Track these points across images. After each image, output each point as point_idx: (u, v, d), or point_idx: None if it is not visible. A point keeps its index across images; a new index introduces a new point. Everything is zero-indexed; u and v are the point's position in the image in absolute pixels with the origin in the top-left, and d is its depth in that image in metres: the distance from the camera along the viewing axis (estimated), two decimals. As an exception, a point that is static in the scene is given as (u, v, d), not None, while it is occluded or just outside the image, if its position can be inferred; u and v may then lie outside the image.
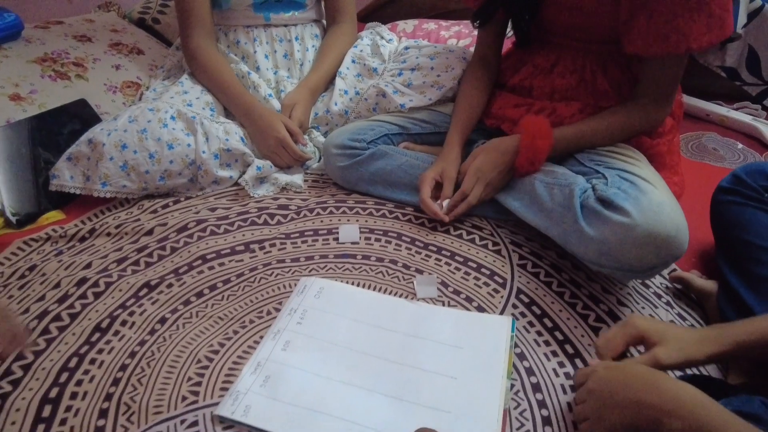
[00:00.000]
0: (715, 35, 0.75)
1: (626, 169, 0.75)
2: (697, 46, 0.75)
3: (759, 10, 1.28)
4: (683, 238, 0.66)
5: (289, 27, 1.17)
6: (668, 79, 0.81)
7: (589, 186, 0.73)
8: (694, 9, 0.73)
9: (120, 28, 1.30)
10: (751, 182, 0.77)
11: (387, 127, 1.01)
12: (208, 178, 0.98)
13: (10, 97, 1.00)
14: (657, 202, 0.66)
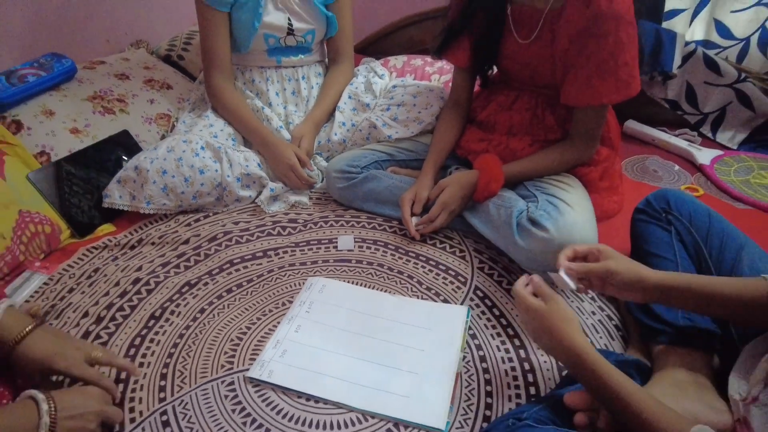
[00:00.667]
0: (622, 94, 0.98)
1: (555, 194, 0.97)
2: (608, 101, 0.98)
3: (692, 53, 1.50)
4: (591, 249, 0.88)
5: (297, 68, 1.39)
6: (592, 124, 1.04)
7: (525, 208, 0.96)
8: (606, 74, 0.96)
9: (151, 65, 1.52)
10: (656, 205, 0.98)
11: (377, 154, 1.23)
12: (231, 197, 1.20)
13: (70, 131, 1.22)
14: (571, 222, 0.89)
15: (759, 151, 1.50)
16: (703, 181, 1.39)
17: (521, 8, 1.05)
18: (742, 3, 1.51)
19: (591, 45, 0.96)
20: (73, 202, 1.14)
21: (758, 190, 1.32)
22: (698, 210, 0.95)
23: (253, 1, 1.25)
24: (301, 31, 1.31)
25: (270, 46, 1.32)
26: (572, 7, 0.96)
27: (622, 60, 0.96)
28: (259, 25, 1.25)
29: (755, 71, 1.54)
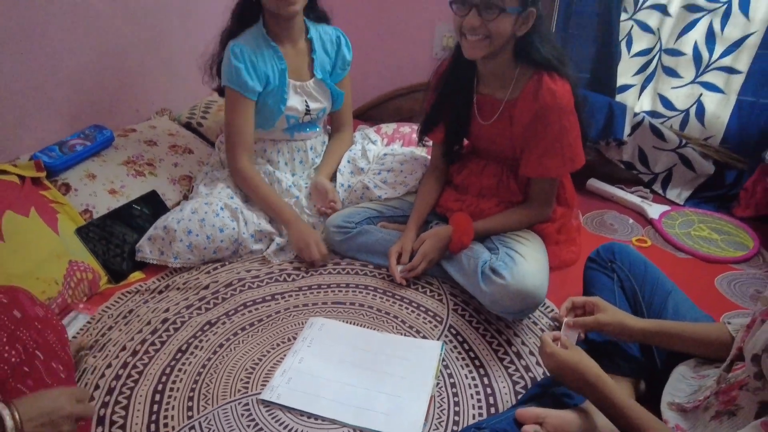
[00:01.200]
0: (568, 168, 1.22)
1: (513, 247, 1.18)
2: (556, 174, 1.21)
3: (640, 122, 1.75)
4: (541, 294, 1.09)
5: (305, 141, 1.61)
6: (546, 191, 1.27)
7: (488, 258, 1.17)
8: (553, 154, 1.19)
9: (174, 131, 1.76)
10: (604, 255, 1.19)
11: (369, 212, 1.45)
12: (245, 250, 1.40)
13: (108, 191, 1.44)
14: (523, 271, 1.09)
15: (701, 207, 1.73)
16: (652, 233, 1.61)
17: (485, 98, 1.29)
18: (680, 81, 1.78)
19: (540, 131, 1.19)
20: (110, 252, 1.34)
21: (697, 242, 1.54)
22: (636, 261, 1.16)
23: (278, 89, 1.44)
24: (316, 110, 1.53)
25: (290, 125, 1.53)
26: (523, 101, 1.21)
27: (566, 142, 1.19)
28: (284, 108, 1.45)
29: (695, 138, 1.79)
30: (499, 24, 1.09)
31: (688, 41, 1.71)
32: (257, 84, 1.40)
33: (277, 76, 1.44)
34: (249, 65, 1.38)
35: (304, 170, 1.62)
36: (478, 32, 1.11)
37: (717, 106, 1.75)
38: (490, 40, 1.12)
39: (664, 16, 1.71)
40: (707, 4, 1.66)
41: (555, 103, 1.16)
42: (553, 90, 1.16)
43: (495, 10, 1.08)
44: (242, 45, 1.39)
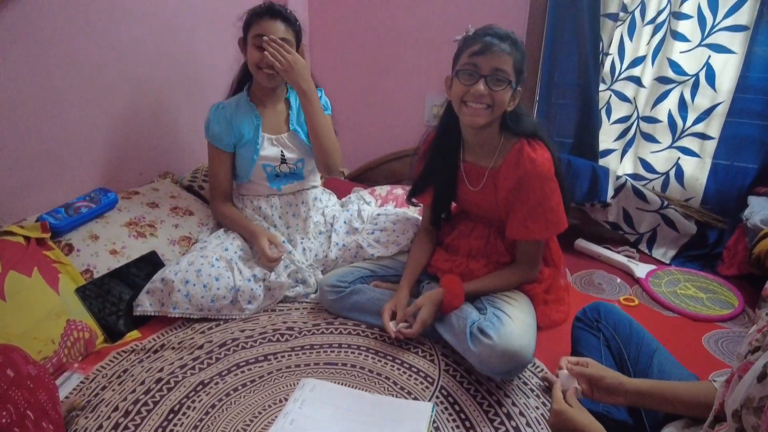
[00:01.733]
0: (551, 231, 1.27)
1: (501, 307, 1.22)
2: (540, 237, 1.27)
3: (623, 185, 1.84)
4: (527, 354, 1.11)
5: (296, 194, 1.70)
6: (532, 253, 1.32)
7: (477, 319, 1.20)
8: (536, 218, 1.25)
9: (176, 194, 1.83)
10: (590, 315, 1.23)
11: (362, 271, 1.49)
12: (245, 296, 1.43)
13: (110, 252, 1.49)
14: (509, 331, 1.12)
15: (686, 266, 1.77)
16: (640, 293, 1.64)
17: (471, 166, 1.37)
18: (658, 146, 1.88)
19: (522, 196, 1.26)
20: (107, 311, 1.37)
21: (684, 300, 1.57)
22: (622, 320, 1.19)
23: (251, 142, 1.60)
24: (292, 159, 1.65)
25: (268, 173, 1.64)
26: (506, 168, 1.28)
27: (548, 207, 1.26)
28: (257, 158, 1.60)
29: (676, 199, 1.87)
30: (503, 95, 1.20)
31: (663, 109, 1.83)
32: (231, 138, 1.60)
33: (252, 130, 1.60)
34: (224, 122, 1.58)
35: (298, 223, 1.68)
36: (483, 100, 1.19)
37: (695, 169, 1.84)
38: (491, 109, 1.21)
39: (638, 87, 1.83)
40: (677, 77, 1.78)
41: (535, 171, 1.24)
42: (533, 158, 1.24)
43: (504, 82, 1.18)
44: (224, 105, 1.60)
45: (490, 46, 1.17)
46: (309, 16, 2.38)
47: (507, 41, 1.19)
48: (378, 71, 2.34)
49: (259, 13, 1.51)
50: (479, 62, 1.18)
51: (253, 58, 1.52)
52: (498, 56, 1.17)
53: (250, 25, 1.52)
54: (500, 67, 1.18)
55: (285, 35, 1.51)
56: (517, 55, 1.19)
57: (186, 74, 1.99)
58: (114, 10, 1.67)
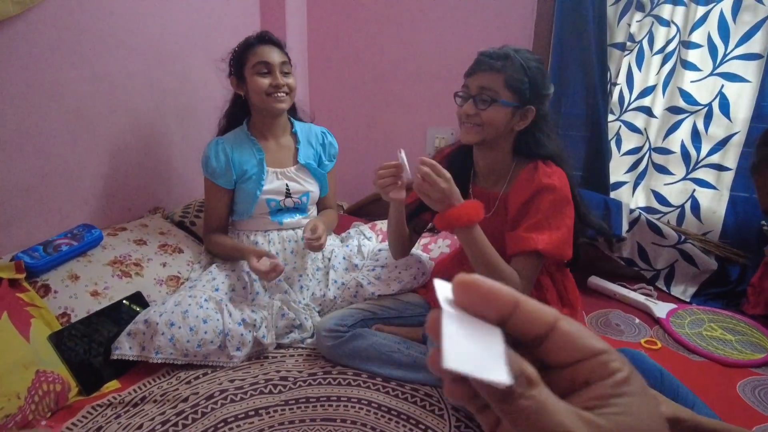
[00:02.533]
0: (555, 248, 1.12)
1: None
2: (542, 247, 1.11)
3: (637, 219, 1.74)
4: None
5: (296, 229, 1.61)
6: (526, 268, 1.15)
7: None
8: (540, 229, 1.14)
9: (166, 230, 1.73)
10: None
11: (363, 314, 1.38)
12: (234, 342, 1.31)
13: (90, 293, 1.38)
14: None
15: (709, 304, 1.66)
16: (661, 334, 1.52)
17: (481, 189, 1.29)
18: (672, 178, 1.80)
19: (532, 210, 1.16)
20: (84, 360, 1.25)
21: (711, 343, 1.45)
22: (651, 370, 1.06)
23: (256, 177, 1.54)
24: (297, 193, 1.59)
25: (272, 208, 1.57)
26: (518, 187, 1.20)
27: (556, 224, 1.14)
28: (260, 193, 1.53)
29: (693, 233, 1.77)
30: (491, 114, 1.16)
31: (676, 140, 1.76)
32: (231, 174, 1.54)
33: (255, 164, 1.55)
34: (223, 157, 1.53)
35: (296, 261, 1.57)
36: (474, 120, 1.18)
37: (711, 202, 1.76)
38: (482, 127, 1.18)
39: (649, 117, 1.77)
40: (688, 107, 1.72)
41: (550, 183, 1.15)
42: (549, 173, 1.17)
43: (488, 100, 1.15)
44: (223, 140, 1.55)
45: (478, 65, 1.17)
46: (308, 47, 2.35)
47: (500, 59, 1.14)
48: (378, 103, 2.29)
49: (253, 43, 1.49)
50: (469, 83, 1.19)
51: (259, 87, 1.48)
52: (485, 75, 1.15)
53: (246, 56, 1.49)
54: (485, 86, 1.15)
55: (285, 59, 1.50)
56: (512, 72, 1.13)
57: (179, 106, 1.92)
58: (105, 40, 1.62)
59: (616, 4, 1.74)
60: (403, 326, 1.38)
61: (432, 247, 1.76)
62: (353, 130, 2.37)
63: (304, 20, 2.31)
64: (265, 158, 1.56)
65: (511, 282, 1.13)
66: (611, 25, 1.75)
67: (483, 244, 1.12)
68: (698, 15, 1.63)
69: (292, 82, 1.52)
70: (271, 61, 1.47)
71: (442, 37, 2.07)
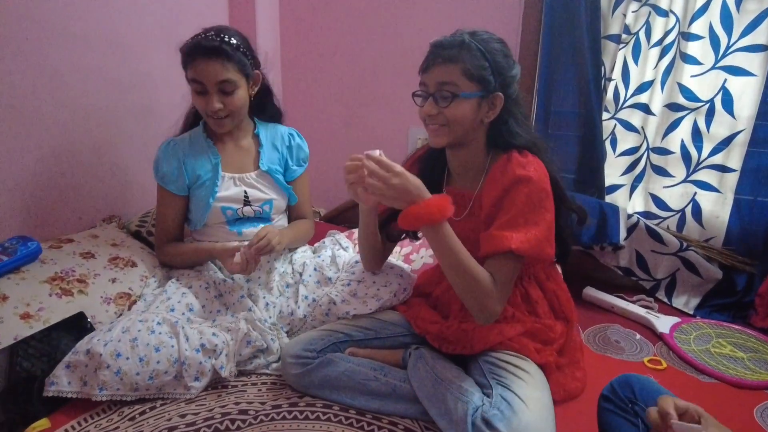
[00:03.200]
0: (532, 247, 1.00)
1: (510, 386, 0.95)
2: (514, 246, 0.98)
3: (636, 225, 1.61)
4: (548, 449, 0.84)
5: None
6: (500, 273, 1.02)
7: (481, 404, 0.93)
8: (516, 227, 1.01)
9: (119, 241, 1.56)
10: (621, 393, 0.95)
11: (335, 336, 1.21)
12: (192, 371, 1.14)
13: (21, 316, 1.19)
14: (525, 423, 0.86)
15: (714, 317, 1.53)
16: (665, 351, 1.39)
17: (456, 190, 1.16)
18: (672, 180, 1.67)
19: (506, 205, 1.04)
20: (8, 396, 1.07)
21: (720, 361, 1.32)
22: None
23: (210, 182, 1.39)
24: (257, 201, 1.43)
25: (228, 217, 1.42)
26: (491, 181, 1.07)
27: (532, 220, 1.01)
28: (213, 201, 1.38)
29: (695, 239, 1.65)
30: (455, 110, 1.04)
31: (675, 139, 1.64)
32: (183, 180, 1.40)
33: (210, 169, 1.40)
34: (175, 161, 1.38)
35: (260, 276, 1.42)
36: (437, 120, 1.07)
37: (714, 206, 1.63)
38: (449, 127, 1.06)
39: (647, 115, 1.64)
40: (689, 104, 1.60)
41: (524, 175, 1.02)
42: (524, 163, 1.04)
43: (448, 96, 1.03)
44: (177, 142, 1.41)
45: (433, 58, 1.05)
46: (281, 44, 2.20)
47: (454, 47, 1.02)
48: (357, 102, 2.14)
49: (191, 54, 1.28)
50: (426, 80, 1.07)
51: (197, 106, 1.34)
52: (441, 68, 1.04)
53: (185, 67, 1.30)
54: (443, 80, 1.04)
55: (225, 76, 1.28)
56: (470, 60, 1.02)
57: (137, 103, 1.76)
58: (49, 30, 1.45)
59: (610, -8, 1.62)
60: (381, 348, 1.23)
61: (414, 257, 1.62)
62: (330, 130, 2.22)
63: (276, 12, 2.16)
64: (223, 162, 1.40)
65: (484, 286, 1.00)
66: (605, 15, 1.63)
67: (451, 245, 0.99)
68: (699, 4, 1.51)
69: (235, 102, 1.32)
70: (205, 80, 1.27)
71: (423, 30, 1.94)
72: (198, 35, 1.30)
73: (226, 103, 1.31)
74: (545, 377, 1.07)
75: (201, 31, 1.31)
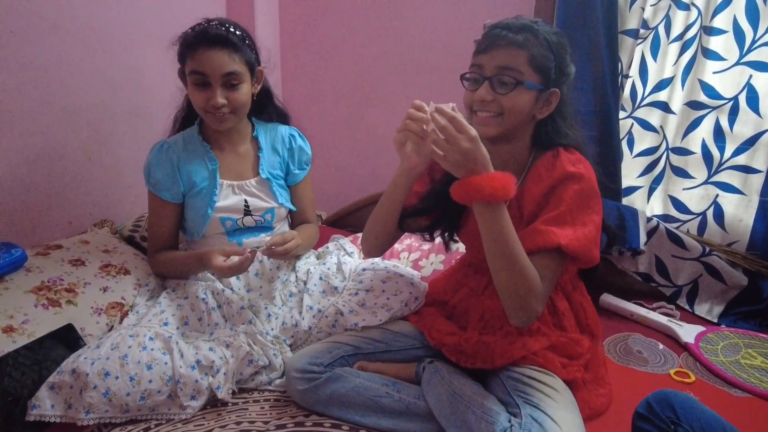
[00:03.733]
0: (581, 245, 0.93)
1: (539, 405, 0.87)
2: (564, 244, 0.92)
3: (656, 228, 1.54)
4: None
5: (260, 247, 1.36)
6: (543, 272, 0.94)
7: (508, 425, 0.85)
8: (563, 224, 0.94)
9: (111, 247, 1.47)
10: (660, 412, 0.86)
11: (343, 348, 1.13)
12: (188, 390, 1.05)
13: (3, 330, 1.10)
14: (558, 449, 0.78)
15: (739, 325, 1.46)
16: (692, 362, 1.31)
17: None
18: (692, 182, 1.60)
19: (552, 200, 0.97)
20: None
21: (752, 374, 1.25)
22: (711, 423, 0.83)
23: (206, 191, 1.29)
24: (258, 210, 1.35)
25: (228, 228, 1.33)
26: (535, 177, 1.00)
27: (581, 220, 0.95)
28: (211, 212, 1.29)
29: (717, 244, 1.58)
30: (515, 99, 0.96)
31: (696, 139, 1.57)
32: (178, 187, 1.30)
33: (206, 177, 1.31)
34: (168, 166, 1.29)
35: (261, 284, 1.33)
36: (491, 108, 0.98)
37: (737, 208, 1.56)
38: (503, 117, 0.98)
39: (666, 113, 1.57)
40: (711, 101, 1.53)
41: (575, 171, 0.96)
42: (573, 160, 0.99)
43: (510, 83, 0.95)
44: (170, 144, 1.31)
45: (494, 40, 0.96)
46: (280, 40, 2.12)
47: (522, 32, 0.95)
48: (359, 101, 2.07)
49: (193, 43, 1.19)
50: (483, 62, 0.98)
51: (196, 101, 1.23)
52: (505, 51, 0.95)
53: (185, 56, 1.21)
54: (506, 65, 0.95)
55: (232, 68, 1.19)
56: (537, 48, 0.95)
57: (130, 103, 1.67)
58: (35, 24, 1.36)
59: (628, -15, 1.55)
60: (392, 362, 1.14)
61: (423, 263, 1.54)
62: (332, 131, 2.14)
63: (276, 8, 2.08)
64: (220, 169, 1.31)
65: (533, 282, 0.91)
66: (622, 9, 1.56)
67: (506, 230, 0.89)
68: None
69: (240, 97, 1.23)
70: (209, 71, 1.18)
71: (427, 27, 1.86)
72: (199, 24, 1.21)
73: (231, 99, 1.22)
74: (572, 394, 0.99)
75: (201, 20, 1.22)
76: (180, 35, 1.22)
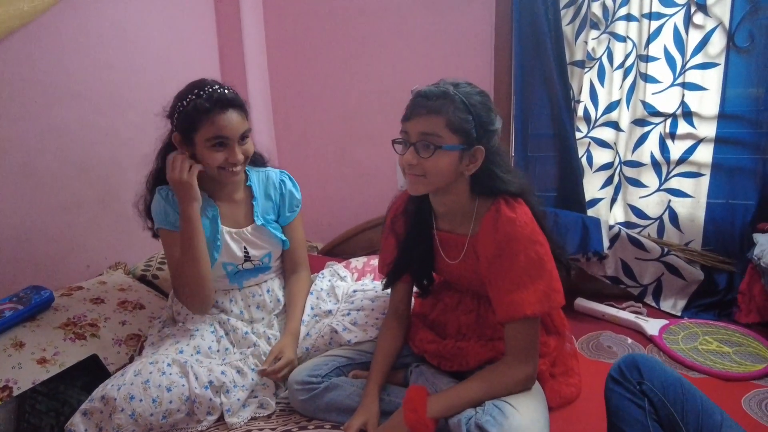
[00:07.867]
0: (544, 305, 1.03)
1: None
2: (531, 312, 1.01)
3: (618, 235, 1.70)
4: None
5: (261, 284, 1.48)
6: (524, 340, 1.04)
7: (473, 413, 0.98)
8: (523, 287, 1.02)
9: (126, 286, 1.63)
10: (628, 374, 0.95)
11: (339, 360, 1.26)
12: (203, 408, 1.18)
13: (37, 361, 1.25)
14: (516, 426, 0.91)
15: (700, 316, 1.60)
16: (656, 352, 1.45)
17: (447, 235, 1.19)
18: (646, 190, 1.77)
19: (505, 264, 1.05)
20: (30, 440, 1.12)
21: (708, 357, 1.38)
22: (671, 380, 0.93)
23: (211, 237, 1.35)
24: (257, 256, 1.43)
25: (229, 272, 1.41)
26: (484, 233, 1.09)
27: (537, 275, 1.03)
28: (218, 255, 1.36)
29: (676, 244, 1.73)
30: (436, 162, 1.04)
31: (645, 152, 1.74)
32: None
33: (209, 223, 1.36)
34: (170, 210, 1.33)
35: (263, 316, 1.46)
36: (416, 170, 1.06)
37: (689, 210, 1.73)
38: (426, 178, 1.06)
39: (617, 131, 1.75)
40: (653, 118, 1.71)
41: (517, 232, 1.04)
42: (513, 218, 1.05)
43: (430, 148, 1.03)
44: (166, 189, 1.35)
45: (414, 108, 1.04)
46: (270, 84, 2.32)
47: (438, 98, 1.02)
48: (346, 138, 2.25)
49: (208, 109, 1.23)
50: (408, 128, 1.06)
51: (213, 161, 1.27)
52: (424, 119, 1.03)
53: (199, 122, 1.24)
54: (426, 131, 1.03)
55: (246, 126, 1.29)
56: (454, 112, 1.02)
57: (137, 156, 1.84)
58: (51, 91, 1.56)
59: (572, 23, 1.75)
60: (384, 370, 1.28)
61: (410, 280, 1.68)
62: (323, 167, 2.32)
63: (265, 60, 2.29)
64: (220, 215, 1.37)
65: (515, 385, 1.03)
66: (570, 43, 1.76)
67: (458, 405, 1.01)
68: (652, 28, 1.64)
69: (250, 148, 1.32)
70: (231, 134, 1.25)
71: (404, 70, 2.06)
72: (201, 91, 1.25)
73: (244, 152, 1.30)
74: (540, 386, 1.11)
75: (198, 87, 1.26)
76: (178, 104, 1.27)
